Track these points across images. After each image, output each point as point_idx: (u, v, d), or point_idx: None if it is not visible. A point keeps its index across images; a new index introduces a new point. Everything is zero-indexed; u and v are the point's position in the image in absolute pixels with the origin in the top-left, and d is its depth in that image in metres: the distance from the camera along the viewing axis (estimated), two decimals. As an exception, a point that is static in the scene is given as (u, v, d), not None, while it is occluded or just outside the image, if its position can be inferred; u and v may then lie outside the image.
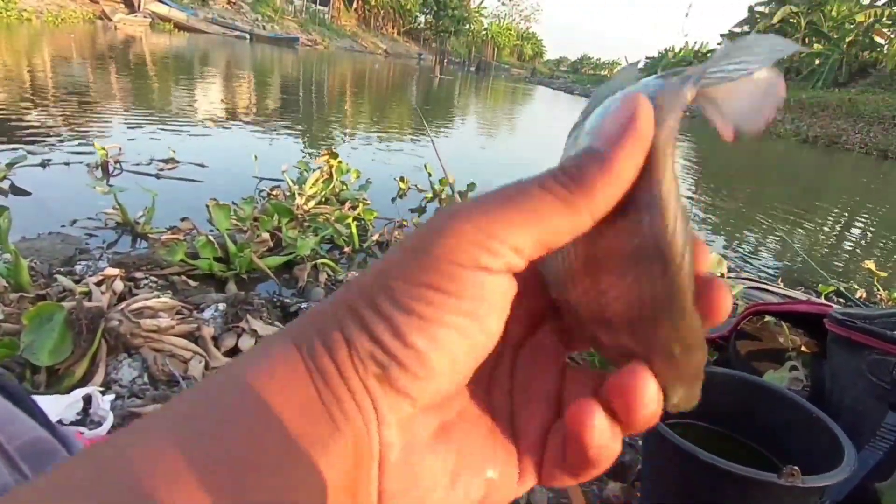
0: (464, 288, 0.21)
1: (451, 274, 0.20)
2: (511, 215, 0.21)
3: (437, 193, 3.98)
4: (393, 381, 0.21)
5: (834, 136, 18.78)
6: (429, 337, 0.21)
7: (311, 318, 0.23)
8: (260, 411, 0.20)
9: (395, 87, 18.96)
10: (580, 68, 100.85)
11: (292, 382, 0.21)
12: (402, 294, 0.21)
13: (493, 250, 0.21)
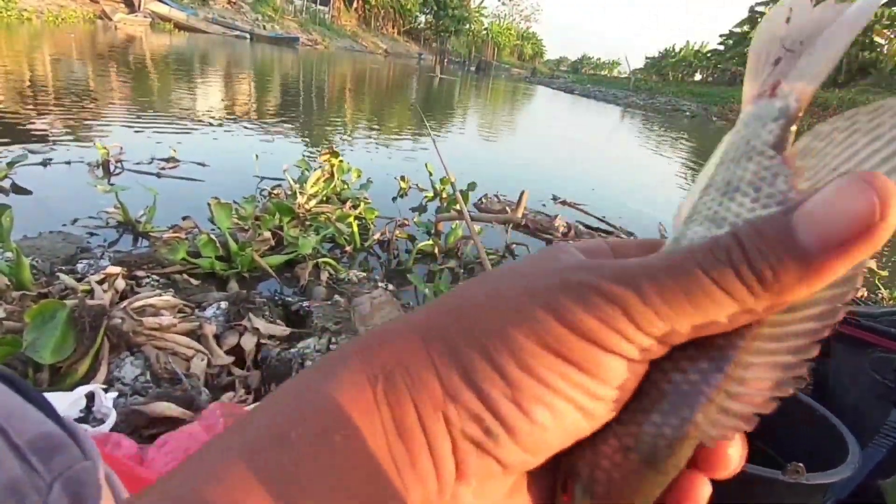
0: (597, 368, 0.19)
1: (584, 350, 0.18)
2: (662, 303, 0.18)
3: (438, 192, 3.98)
4: (492, 448, 0.19)
5: (834, 136, 18.78)
6: (550, 408, 0.19)
7: (387, 343, 0.20)
8: (323, 462, 0.18)
9: (395, 87, 18.96)
10: (580, 68, 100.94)
11: (357, 431, 0.18)
12: (528, 353, 0.18)
13: (635, 340, 0.18)
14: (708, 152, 0.23)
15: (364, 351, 0.20)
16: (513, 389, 0.18)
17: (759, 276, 0.17)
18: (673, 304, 0.18)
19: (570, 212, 4.44)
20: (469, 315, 0.20)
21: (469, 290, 0.21)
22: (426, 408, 0.19)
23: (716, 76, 47.64)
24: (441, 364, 0.19)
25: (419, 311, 0.21)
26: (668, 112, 24.15)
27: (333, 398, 0.19)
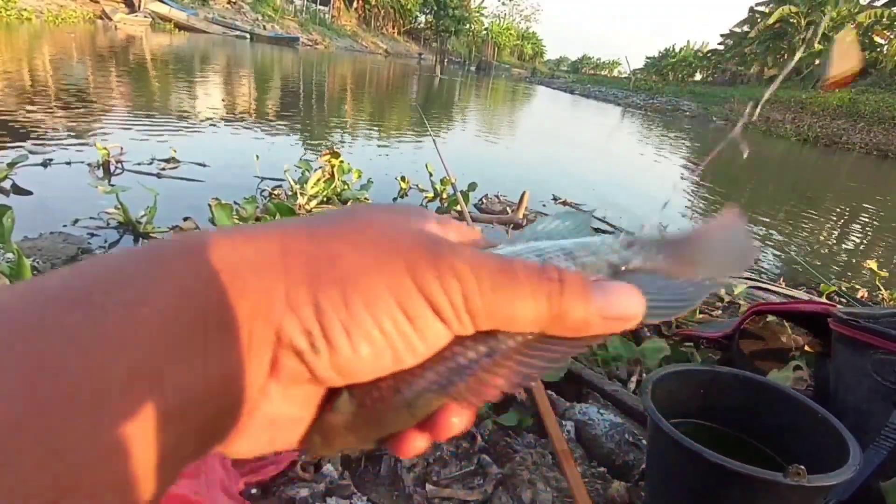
0: (424, 326, 0.22)
1: (421, 309, 0.22)
2: (490, 291, 0.22)
3: (439, 193, 3.97)
4: (311, 360, 0.21)
5: (834, 136, 18.79)
6: (372, 345, 0.21)
7: (249, 238, 0.21)
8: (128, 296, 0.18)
9: (395, 87, 18.95)
10: (580, 68, 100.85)
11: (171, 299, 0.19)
12: (377, 295, 0.21)
13: (461, 314, 0.22)
14: (707, 152, 0.24)
15: (202, 241, 0.21)
16: (350, 319, 0.21)
17: (558, 308, 0.23)
18: (497, 295, 0.22)
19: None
20: (337, 251, 0.22)
21: (341, 226, 0.23)
22: (261, 307, 0.20)
23: (716, 76, 47.62)
24: (294, 278, 0.21)
25: (279, 226, 0.23)
26: (667, 112, 24.15)
27: (155, 272, 0.19)
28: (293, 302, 0.20)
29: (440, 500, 1.24)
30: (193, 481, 0.96)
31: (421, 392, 0.24)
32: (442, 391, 0.24)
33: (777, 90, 28.17)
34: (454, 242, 0.24)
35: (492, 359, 0.24)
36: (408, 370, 0.23)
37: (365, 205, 0.26)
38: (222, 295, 0.19)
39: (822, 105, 23.75)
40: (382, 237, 0.23)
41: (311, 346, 0.21)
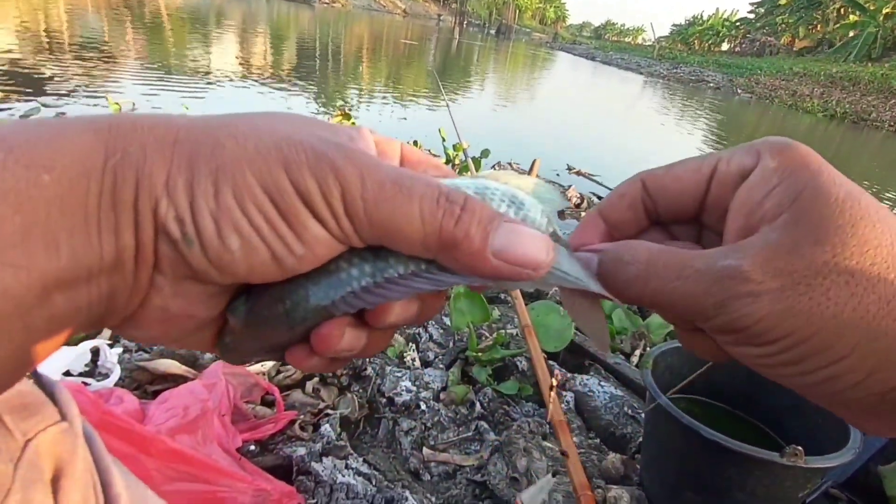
0: (303, 228, 0.21)
1: (297, 209, 0.21)
2: (374, 202, 0.21)
3: (451, 159, 3.92)
4: (185, 251, 0.21)
5: (863, 113, 18.20)
6: (243, 240, 0.21)
7: (139, 126, 0.21)
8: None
9: (412, 49, 18.61)
10: (603, 35, 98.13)
11: (71, 180, 0.19)
12: (247, 188, 0.21)
13: (342, 221, 0.21)
14: (730, 127, 0.22)
15: (114, 125, 0.21)
16: (219, 210, 0.20)
17: (448, 234, 0.22)
18: (383, 203, 0.21)
19: (586, 183, 4.38)
20: (221, 141, 0.21)
21: (239, 120, 0.23)
22: (144, 191, 0.20)
23: (744, 46, 46.03)
24: (176, 165, 0.20)
25: (188, 118, 0.22)
26: (691, 83, 23.50)
27: (63, 145, 0.19)
28: (171, 188, 0.20)
29: (436, 464, 1.26)
30: (191, 437, 0.98)
31: (299, 301, 0.23)
32: (319, 304, 0.23)
33: (807, 63, 27.04)
34: (351, 148, 0.22)
35: (374, 278, 0.23)
36: (294, 280, 0.23)
37: (290, 113, 0.25)
38: (116, 177, 0.20)
39: (853, 79, 22.96)
40: (269, 133, 0.22)
41: (183, 234, 0.20)
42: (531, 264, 0.23)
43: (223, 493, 0.90)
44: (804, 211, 0.22)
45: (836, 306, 0.20)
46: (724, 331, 0.22)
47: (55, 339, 0.20)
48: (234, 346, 0.26)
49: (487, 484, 1.20)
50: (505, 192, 0.25)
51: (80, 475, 0.35)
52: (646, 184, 0.28)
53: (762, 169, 0.24)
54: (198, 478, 0.90)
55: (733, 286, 0.21)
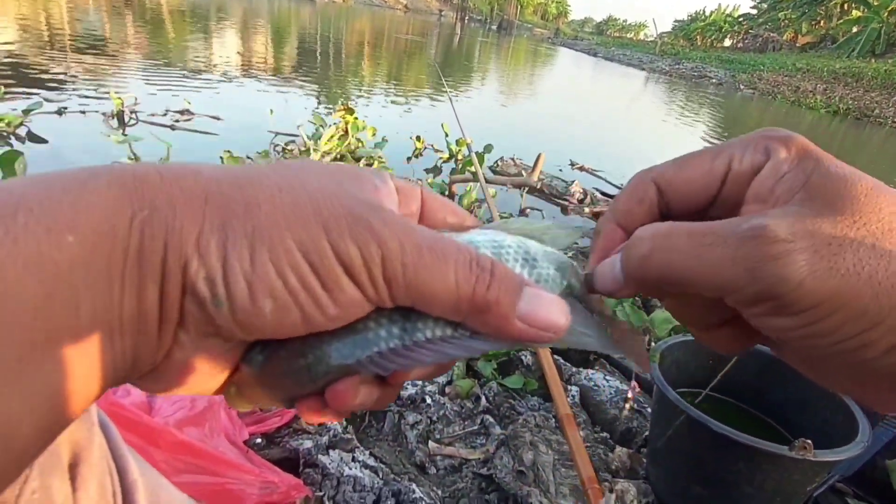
0: (339, 291, 0.21)
1: (335, 272, 0.21)
2: (413, 268, 0.21)
3: (454, 154, 3.92)
4: (213, 312, 0.20)
5: (866, 109, 18.12)
6: (277, 303, 0.20)
7: (168, 180, 0.20)
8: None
9: (413, 45, 18.56)
10: (605, 30, 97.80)
11: (97, 239, 0.18)
12: (285, 251, 0.20)
13: (379, 285, 0.22)
14: (732, 122, 0.22)
15: (140, 176, 0.20)
16: (254, 272, 0.20)
17: (481, 299, 0.22)
18: (420, 268, 0.21)
19: (589, 178, 4.36)
20: (255, 200, 0.21)
21: (269, 177, 0.22)
22: (174, 250, 0.19)
23: (746, 42, 45.84)
24: (209, 224, 0.20)
25: (213, 169, 0.22)
26: (693, 79, 23.41)
27: (87, 202, 0.19)
28: (202, 248, 0.20)
29: (442, 458, 1.26)
30: (198, 429, 0.98)
31: (322, 358, 0.23)
32: (343, 362, 0.23)
33: (810, 59, 26.90)
34: (386, 210, 0.23)
35: (403, 340, 0.24)
36: (316, 335, 0.23)
37: (308, 160, 0.25)
38: (143, 234, 0.19)
39: (856, 76, 22.86)
40: (302, 191, 0.22)
41: (213, 295, 0.20)
42: (553, 328, 0.24)
43: (231, 485, 0.90)
44: (817, 188, 0.22)
45: (870, 267, 0.20)
46: (758, 300, 0.21)
47: (82, 398, 0.19)
48: (245, 395, 0.25)
49: (494, 477, 1.20)
50: (518, 249, 0.26)
51: (97, 462, 0.34)
52: (659, 187, 0.27)
53: (773, 161, 0.24)
54: (206, 470, 0.89)
55: (762, 247, 0.20)
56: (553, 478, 1.19)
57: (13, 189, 0.18)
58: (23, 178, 0.19)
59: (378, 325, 0.23)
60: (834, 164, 0.23)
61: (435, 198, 0.28)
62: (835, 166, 0.23)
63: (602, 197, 3.84)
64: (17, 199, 0.18)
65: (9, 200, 0.17)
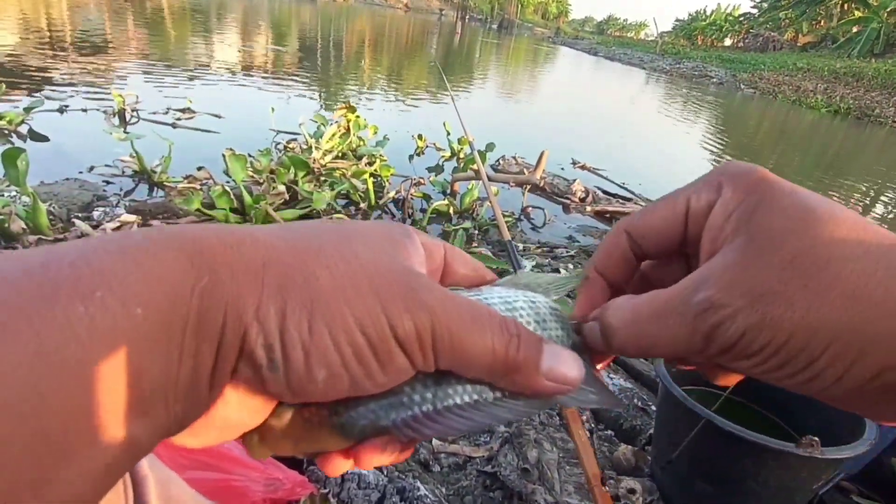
0: (390, 362, 0.22)
1: (390, 346, 0.22)
2: (458, 339, 0.23)
3: (456, 152, 3.92)
4: (268, 376, 0.21)
5: (867, 109, 18.10)
6: (329, 372, 0.21)
7: (228, 248, 0.21)
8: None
9: (414, 44, 18.54)
10: (606, 30, 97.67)
11: (160, 313, 0.19)
12: (344, 326, 0.21)
13: (427, 355, 0.23)
14: (733, 121, 0.22)
15: (200, 240, 0.21)
16: (312, 342, 0.21)
17: (513, 360, 0.24)
18: (463, 336, 0.23)
19: (590, 177, 4.36)
20: (312, 270, 0.22)
21: (324, 244, 0.23)
22: (233, 318, 0.20)
23: (747, 41, 45.78)
24: (267, 292, 0.21)
25: (270, 235, 0.23)
26: (694, 78, 23.38)
27: (155, 273, 0.19)
28: (262, 315, 0.21)
29: (446, 455, 1.25)
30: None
31: (357, 418, 0.24)
32: (377, 423, 0.24)
33: (811, 59, 26.80)
34: (428, 279, 0.24)
35: (434, 405, 0.25)
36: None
37: (352, 224, 0.26)
38: (203, 301, 0.20)
39: (857, 75, 22.83)
40: (358, 264, 0.23)
41: (270, 361, 0.21)
42: (571, 381, 0.26)
43: (236, 482, 0.90)
44: (758, 227, 0.24)
45: (801, 310, 0.22)
46: (718, 355, 0.24)
47: (135, 460, 0.20)
48: (268, 445, 0.25)
49: (498, 475, 1.20)
50: (530, 311, 0.29)
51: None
52: (630, 234, 0.30)
53: (723, 198, 0.26)
54: (211, 466, 0.89)
55: (710, 317, 0.23)
56: (558, 475, 1.19)
57: (92, 261, 0.19)
58: (97, 243, 0.20)
59: (412, 390, 0.24)
60: (781, 196, 0.24)
61: (454, 251, 0.30)
62: (782, 196, 0.24)
63: (604, 195, 3.83)
64: (97, 273, 0.18)
65: (89, 275, 0.18)
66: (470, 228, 2.77)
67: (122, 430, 0.18)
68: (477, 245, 2.65)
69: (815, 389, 0.23)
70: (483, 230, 2.91)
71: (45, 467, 0.17)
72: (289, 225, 0.24)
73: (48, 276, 0.18)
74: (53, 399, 0.17)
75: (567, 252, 2.79)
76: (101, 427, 0.18)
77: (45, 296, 0.17)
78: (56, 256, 0.19)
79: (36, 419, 0.16)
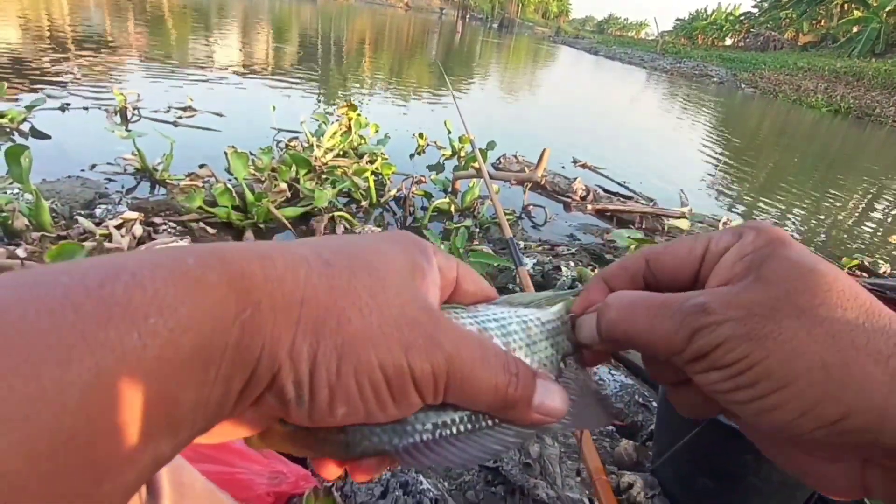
0: (405, 400, 0.24)
1: (407, 387, 0.24)
2: (469, 383, 0.25)
3: (457, 151, 3.92)
4: (293, 408, 0.23)
5: (867, 108, 18.11)
6: (349, 408, 0.23)
7: (270, 279, 0.22)
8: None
9: (415, 43, 18.54)
10: (606, 29, 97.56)
11: (202, 339, 0.20)
12: (369, 371, 0.23)
13: (439, 394, 0.25)
14: (732, 121, 0.22)
15: (247, 274, 0.22)
16: (338, 383, 0.22)
17: (512, 397, 0.27)
18: (472, 379, 0.25)
19: (591, 176, 4.36)
20: (346, 313, 0.23)
21: (358, 279, 0.24)
22: (269, 354, 0.21)
23: (748, 40, 45.74)
24: (302, 331, 0.22)
25: (309, 269, 0.23)
26: (695, 77, 23.38)
27: (201, 301, 0.20)
28: (296, 354, 0.22)
29: (448, 451, 1.26)
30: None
31: (361, 440, 0.26)
32: (381, 446, 0.26)
33: (811, 58, 26.78)
34: (446, 321, 0.26)
35: (434, 435, 0.26)
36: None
37: (379, 248, 0.27)
38: (243, 335, 0.21)
39: (858, 75, 22.83)
40: (388, 304, 0.24)
41: (297, 397, 0.22)
42: (557, 414, 0.28)
43: (241, 475, 0.90)
44: (767, 270, 0.25)
45: (788, 334, 0.23)
46: (693, 358, 0.25)
47: (156, 470, 0.21)
48: (269, 445, 0.27)
49: (500, 470, 1.20)
50: (522, 334, 0.31)
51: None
52: (648, 261, 0.31)
53: (741, 243, 0.28)
54: (216, 459, 0.90)
55: (699, 318, 0.25)
56: (559, 470, 1.20)
57: (147, 287, 0.19)
58: (149, 264, 0.20)
59: (415, 419, 0.26)
60: (792, 251, 0.26)
61: (465, 270, 0.32)
62: (791, 253, 0.26)
63: (605, 194, 3.84)
64: (150, 300, 0.19)
65: (143, 301, 0.19)
66: (471, 226, 2.78)
67: (156, 449, 0.19)
68: (478, 243, 2.65)
69: (775, 421, 0.24)
70: (484, 228, 2.91)
71: (86, 485, 0.17)
72: (320, 248, 0.25)
73: (104, 297, 0.18)
74: (102, 423, 0.17)
75: (568, 250, 2.79)
76: (139, 448, 0.19)
77: (103, 319, 0.18)
78: (112, 275, 0.19)
79: (87, 446, 0.17)
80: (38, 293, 0.18)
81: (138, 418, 0.18)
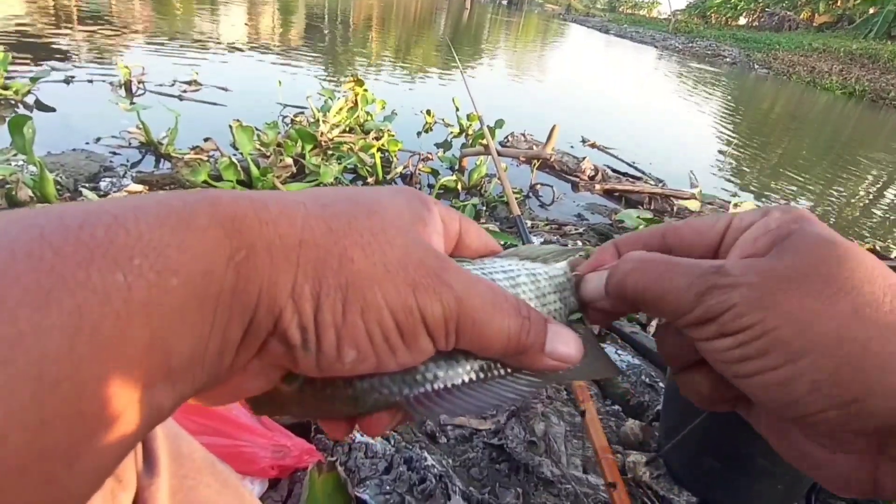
0: (415, 343, 0.23)
1: (418, 328, 0.23)
2: (479, 325, 0.24)
3: (465, 129, 3.87)
4: (299, 355, 0.21)
5: (882, 91, 17.77)
6: (359, 353, 0.22)
7: (265, 222, 0.21)
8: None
9: (423, 20, 18.27)
10: (617, 7, 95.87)
11: (196, 284, 0.19)
12: (377, 310, 0.22)
13: (450, 336, 0.24)
14: (745, 102, 0.22)
15: (239, 217, 0.20)
16: (344, 325, 0.21)
17: (524, 342, 0.26)
18: (484, 320, 0.24)
19: (600, 155, 4.31)
20: (347, 253, 0.22)
21: (358, 222, 0.23)
22: (268, 297, 0.20)
23: (762, 20, 44.83)
24: (302, 272, 0.21)
25: (306, 213, 0.22)
26: (707, 57, 22.96)
27: (190, 243, 0.19)
28: (297, 296, 0.21)
29: (453, 427, 1.26)
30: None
31: (370, 392, 0.24)
32: (390, 397, 0.25)
33: (826, 39, 26.28)
34: (454, 264, 0.25)
35: (445, 383, 0.25)
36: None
37: (376, 193, 0.26)
38: (238, 277, 0.20)
39: (873, 57, 22.36)
40: (390, 244, 0.23)
41: (303, 341, 0.21)
42: (571, 359, 0.27)
43: (245, 448, 0.90)
44: (792, 245, 0.24)
45: (806, 303, 0.22)
46: (700, 321, 0.24)
47: (157, 422, 0.20)
48: (276, 408, 0.25)
49: (505, 447, 1.20)
50: (531, 285, 0.30)
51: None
52: (665, 235, 0.30)
53: (766, 219, 0.27)
54: (220, 432, 0.89)
55: (713, 279, 0.24)
56: (565, 448, 1.19)
57: (130, 229, 0.18)
58: (133, 206, 0.19)
59: (426, 367, 0.25)
60: (817, 228, 0.25)
61: (468, 224, 0.31)
62: (816, 230, 0.25)
63: (613, 174, 3.79)
64: (135, 241, 0.18)
65: (127, 242, 0.18)
66: (478, 205, 2.75)
67: (150, 401, 0.18)
68: (485, 221, 2.63)
69: (784, 398, 0.22)
70: (491, 206, 2.88)
71: (77, 440, 0.16)
72: (317, 194, 0.24)
73: (84, 238, 0.17)
74: (89, 373, 0.16)
75: (576, 229, 2.76)
76: (131, 400, 0.18)
77: (84, 261, 0.17)
78: (93, 217, 0.18)
79: (74, 395, 0.16)
80: (12, 235, 0.16)
81: (129, 366, 0.17)
